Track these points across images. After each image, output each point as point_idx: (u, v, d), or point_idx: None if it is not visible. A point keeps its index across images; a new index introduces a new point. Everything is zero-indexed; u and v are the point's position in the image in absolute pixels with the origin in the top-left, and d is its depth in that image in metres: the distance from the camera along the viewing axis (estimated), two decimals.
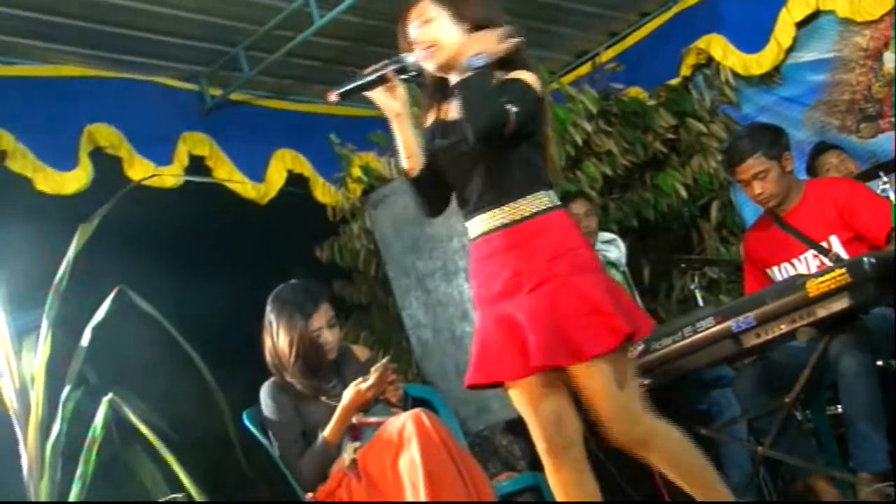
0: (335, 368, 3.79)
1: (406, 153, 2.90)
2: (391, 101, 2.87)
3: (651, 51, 6.59)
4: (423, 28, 2.90)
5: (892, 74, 5.73)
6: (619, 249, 5.03)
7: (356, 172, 5.84)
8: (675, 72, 6.46)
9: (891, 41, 5.70)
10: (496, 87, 2.78)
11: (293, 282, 3.83)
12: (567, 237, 2.83)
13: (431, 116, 2.99)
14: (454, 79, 2.85)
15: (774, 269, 4.08)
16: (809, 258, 3.97)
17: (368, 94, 2.88)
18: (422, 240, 4.87)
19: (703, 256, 6.16)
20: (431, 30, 2.90)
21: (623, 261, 5.04)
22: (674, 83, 6.45)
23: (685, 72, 6.45)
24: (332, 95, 2.88)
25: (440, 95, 2.98)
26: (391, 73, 2.86)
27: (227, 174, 5.69)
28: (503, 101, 2.73)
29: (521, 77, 2.87)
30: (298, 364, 3.67)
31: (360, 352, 3.98)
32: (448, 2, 2.93)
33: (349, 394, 3.58)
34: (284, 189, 5.88)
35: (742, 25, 6.17)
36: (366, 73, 2.87)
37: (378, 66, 2.87)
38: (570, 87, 5.97)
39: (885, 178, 4.14)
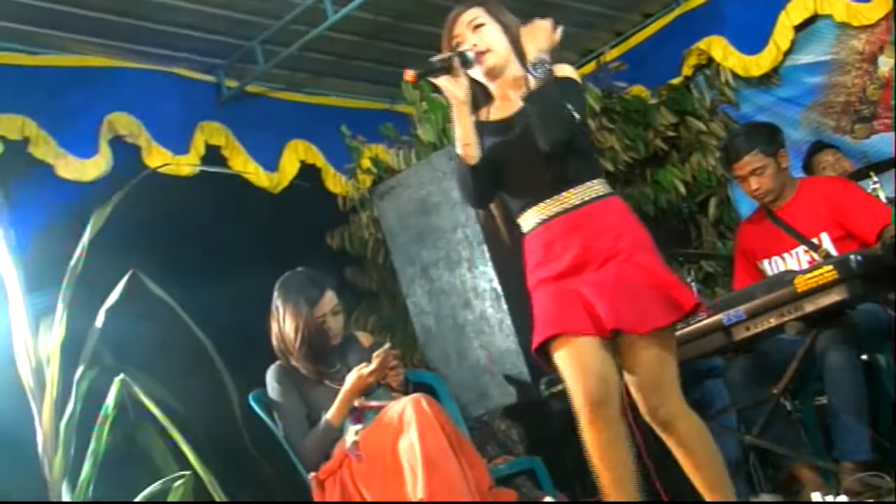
0: (339, 353, 3.81)
1: (465, 140, 2.92)
2: (456, 89, 2.90)
3: (654, 51, 6.55)
4: (477, 33, 2.97)
5: (887, 77, 5.71)
6: None
7: (366, 164, 5.84)
8: (677, 71, 6.42)
9: (886, 45, 5.69)
10: (561, 95, 2.82)
11: (300, 270, 3.84)
12: (626, 218, 2.90)
13: (474, 117, 2.99)
14: (496, 85, 2.98)
15: (765, 262, 4.09)
16: (800, 253, 3.98)
17: (435, 81, 2.93)
18: (426, 230, 4.87)
19: (701, 251, 6.16)
20: (484, 36, 2.97)
21: None
22: (675, 82, 6.41)
23: (686, 72, 6.42)
24: (410, 74, 2.91)
25: (483, 97, 3.03)
26: (456, 63, 2.91)
27: (242, 163, 5.70)
28: (570, 111, 2.79)
29: (571, 76, 2.94)
30: (303, 349, 3.69)
31: (364, 338, 4.00)
32: (497, 12, 3.01)
33: (352, 378, 3.60)
34: (295, 181, 5.88)
35: (742, 28, 6.14)
36: (433, 60, 2.93)
37: (444, 56, 2.94)
38: None
39: (876, 178, 4.13)
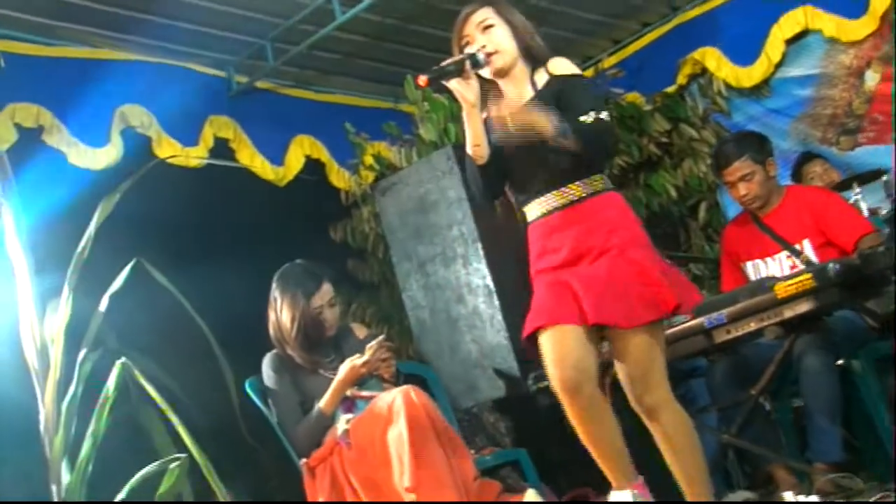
0: (334, 344, 3.81)
1: (475, 141, 2.92)
2: (467, 92, 2.89)
3: (650, 59, 6.56)
4: (486, 34, 2.96)
5: (873, 92, 5.72)
6: None
7: (368, 160, 5.83)
8: (672, 80, 6.43)
9: (872, 61, 5.69)
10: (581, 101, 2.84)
11: (298, 262, 3.84)
12: (623, 214, 2.89)
13: (485, 114, 2.97)
14: (504, 82, 2.97)
15: (748, 264, 4.11)
16: (783, 258, 4.00)
17: (447, 84, 2.91)
18: (424, 227, 4.86)
19: (690, 254, 6.15)
20: (494, 36, 2.96)
21: None
22: (670, 90, 6.42)
23: (681, 80, 6.42)
24: (423, 79, 2.90)
25: (492, 95, 3.00)
26: (467, 66, 2.90)
27: (249, 156, 5.70)
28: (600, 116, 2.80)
29: (574, 71, 2.94)
30: (299, 338, 3.69)
31: (359, 330, 3.99)
32: (506, 12, 3.00)
33: (345, 368, 3.59)
34: (300, 174, 5.87)
35: (736, 40, 6.15)
36: (443, 64, 2.91)
37: (455, 59, 2.93)
38: None
39: (858, 189, 4.14)
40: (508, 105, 2.83)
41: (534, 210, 2.93)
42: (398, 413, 3.32)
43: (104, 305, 3.29)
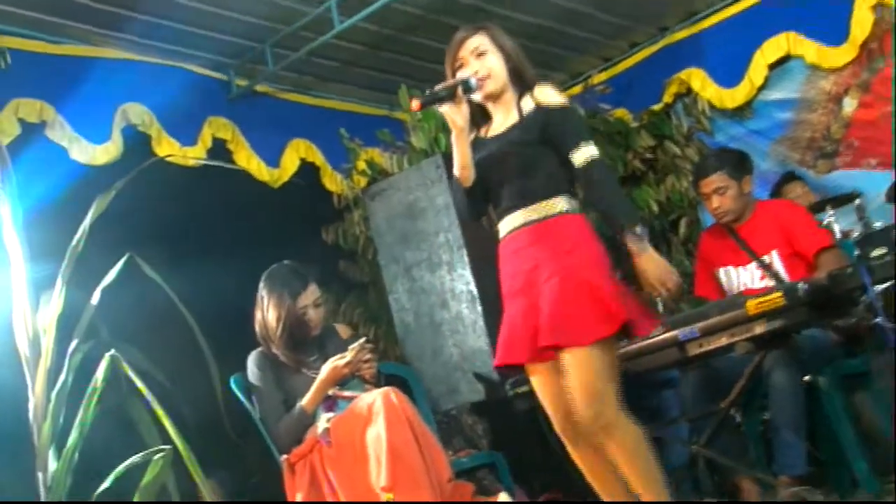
0: (318, 344, 3.79)
1: (462, 164, 2.96)
2: (457, 116, 2.92)
3: (638, 78, 6.56)
4: (479, 59, 2.98)
5: (850, 117, 5.75)
6: None
7: (361, 165, 5.82)
8: (658, 98, 6.44)
9: (851, 87, 5.71)
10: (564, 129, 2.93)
11: (286, 262, 3.82)
12: (582, 235, 2.90)
13: (472, 135, 3.03)
14: (492, 106, 3.01)
15: (721, 270, 4.18)
16: (753, 269, 4.07)
17: (439, 108, 2.94)
18: (411, 232, 4.86)
19: None
20: (487, 62, 2.98)
21: None
22: (656, 108, 6.43)
23: (667, 99, 6.43)
24: (416, 103, 2.95)
25: (480, 117, 3.05)
26: (459, 91, 2.92)
27: (246, 158, 5.68)
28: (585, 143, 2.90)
29: (563, 102, 3.00)
30: (284, 337, 3.68)
31: (343, 330, 3.98)
32: (499, 37, 3.03)
33: (327, 368, 3.59)
34: (293, 179, 5.86)
35: (721, 62, 6.17)
36: (437, 89, 2.94)
37: (448, 84, 2.95)
38: None
39: (832, 212, 4.16)
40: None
41: (505, 225, 2.96)
42: (378, 414, 3.31)
43: (96, 298, 3.28)
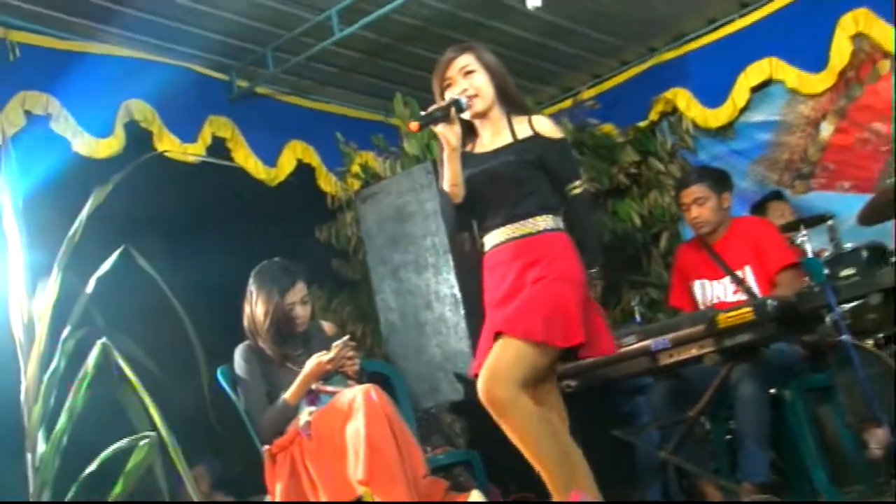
0: (304, 340, 3.80)
1: (453, 181, 2.96)
2: (451, 136, 2.93)
3: (626, 95, 6.57)
4: (468, 79, 3.01)
5: (827, 141, 5.79)
6: None
7: (355, 168, 5.84)
8: (645, 115, 6.45)
9: (829, 113, 5.76)
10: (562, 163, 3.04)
11: (276, 259, 3.82)
12: (564, 251, 2.92)
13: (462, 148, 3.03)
14: (480, 123, 3.05)
15: (696, 283, 4.22)
16: (727, 283, 4.11)
17: (434, 129, 2.96)
18: (400, 235, 4.88)
19: (649, 279, 6.17)
20: (475, 81, 3.01)
21: None
22: (642, 125, 6.44)
23: (653, 116, 6.44)
24: (414, 125, 2.97)
25: (466, 133, 3.05)
26: (452, 112, 2.94)
27: (244, 157, 5.68)
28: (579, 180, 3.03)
29: (561, 136, 3.09)
30: (271, 332, 3.68)
31: (328, 327, 3.97)
32: (485, 56, 3.05)
33: (311, 363, 3.59)
34: (289, 179, 5.87)
35: (706, 84, 6.19)
36: (431, 110, 2.96)
37: (442, 104, 2.98)
38: (552, 118, 5.95)
39: (805, 231, 4.19)
40: None
41: (491, 239, 2.99)
42: (357, 409, 3.32)
43: (90, 287, 3.29)
